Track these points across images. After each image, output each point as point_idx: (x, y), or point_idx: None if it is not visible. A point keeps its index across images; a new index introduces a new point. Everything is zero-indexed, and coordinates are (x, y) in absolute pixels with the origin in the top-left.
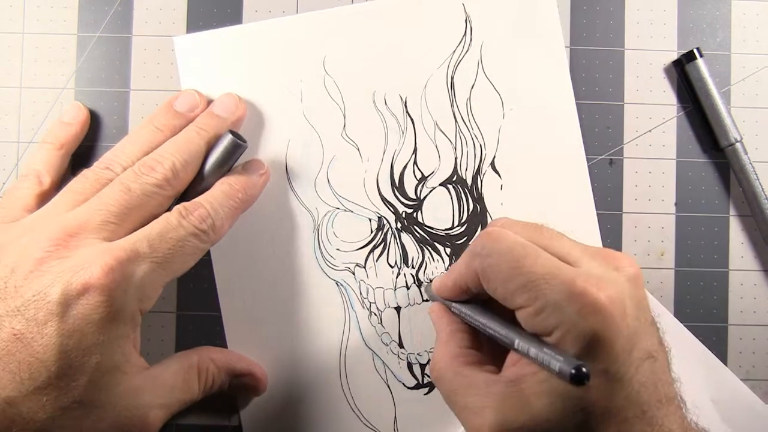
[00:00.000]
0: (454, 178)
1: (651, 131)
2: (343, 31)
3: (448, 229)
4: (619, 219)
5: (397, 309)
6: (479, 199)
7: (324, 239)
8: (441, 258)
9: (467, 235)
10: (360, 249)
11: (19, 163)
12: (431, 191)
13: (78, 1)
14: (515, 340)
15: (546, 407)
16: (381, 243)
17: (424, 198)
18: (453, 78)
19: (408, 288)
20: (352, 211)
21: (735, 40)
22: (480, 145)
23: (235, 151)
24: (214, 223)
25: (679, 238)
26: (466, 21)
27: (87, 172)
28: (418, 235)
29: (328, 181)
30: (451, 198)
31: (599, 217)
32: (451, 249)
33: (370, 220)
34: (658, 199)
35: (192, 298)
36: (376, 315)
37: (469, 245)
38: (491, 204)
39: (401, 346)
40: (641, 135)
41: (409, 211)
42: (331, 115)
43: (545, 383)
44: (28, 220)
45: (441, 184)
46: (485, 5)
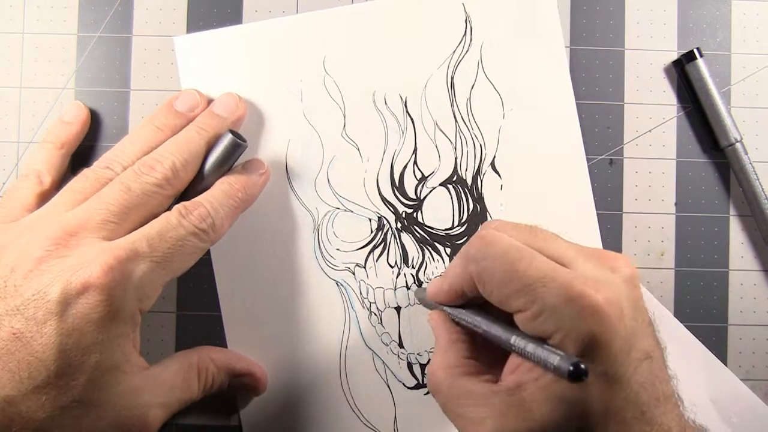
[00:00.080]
0: (454, 178)
1: (651, 131)
2: (343, 31)
3: (448, 229)
4: (619, 219)
5: (397, 309)
6: (479, 199)
7: (324, 239)
8: (441, 258)
9: (467, 235)
10: (360, 249)
11: (19, 163)
12: (431, 191)
13: (78, 1)
14: (512, 337)
15: (547, 414)
16: (381, 243)
17: (424, 198)
18: (453, 78)
19: (408, 288)
20: (352, 211)
21: (735, 40)
22: (480, 145)
23: (235, 151)
24: (214, 222)
25: (679, 238)
26: (466, 21)
27: (87, 172)
28: (418, 235)
29: (328, 181)
30: (451, 198)
31: (599, 217)
32: (451, 249)
33: (370, 220)
34: (658, 199)
35: (192, 298)
36: (376, 315)
37: (462, 249)
38: (491, 204)
39: (401, 346)
40: (641, 135)
41: (409, 211)
42: (331, 115)
43: (546, 390)
44: (28, 220)
45: (441, 184)
46: (485, 5)
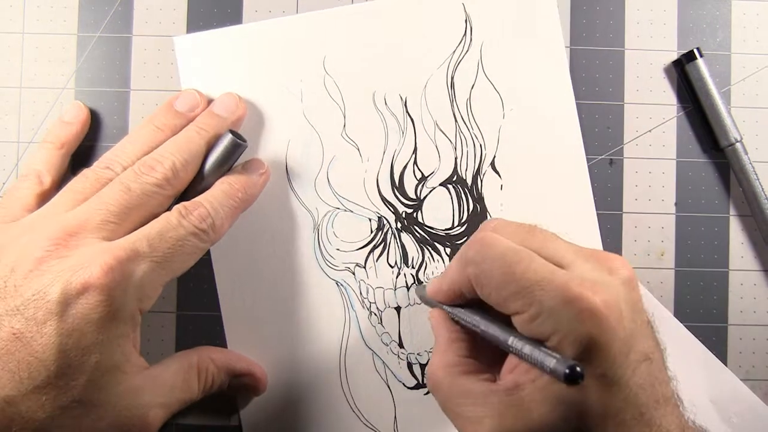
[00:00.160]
0: (454, 178)
1: (651, 131)
2: (343, 31)
3: (448, 229)
4: (619, 219)
5: (397, 309)
6: (479, 199)
7: (324, 239)
8: (441, 258)
9: (467, 235)
10: (360, 249)
11: (19, 163)
12: (431, 191)
13: (78, 1)
14: (509, 338)
15: (545, 414)
16: (381, 243)
17: (424, 198)
18: (453, 78)
19: (408, 288)
20: (352, 211)
21: (735, 40)
22: (480, 145)
23: (235, 151)
24: (214, 222)
25: (679, 238)
26: (466, 21)
27: (87, 172)
28: (418, 235)
29: (328, 181)
30: (451, 198)
31: (599, 217)
32: (451, 249)
33: (370, 220)
34: (658, 199)
35: (192, 298)
36: (376, 315)
37: (460, 250)
38: (491, 204)
39: (401, 346)
40: (641, 135)
41: (409, 211)
42: (331, 115)
43: (544, 390)
44: (28, 220)
45: (441, 184)
46: (485, 5)
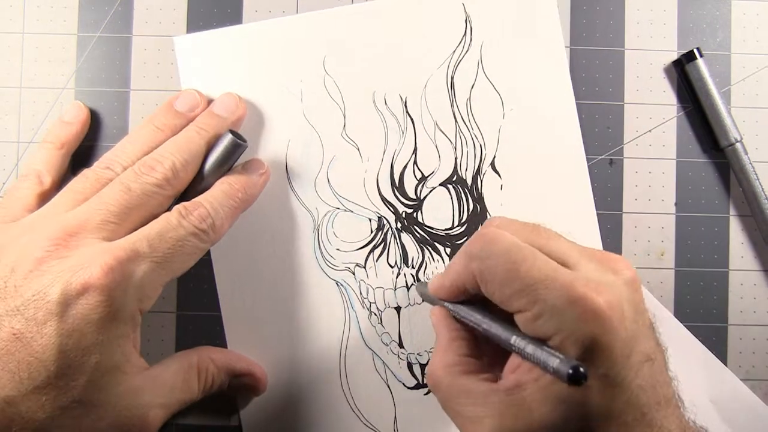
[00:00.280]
0: (454, 178)
1: (651, 131)
2: (343, 31)
3: (448, 229)
4: (619, 219)
5: (397, 309)
6: (479, 199)
7: (324, 239)
8: (441, 258)
9: (467, 235)
10: (360, 249)
11: (19, 163)
12: (431, 191)
13: (78, 1)
14: (512, 337)
15: (547, 414)
16: (381, 243)
17: (424, 198)
18: (453, 78)
19: (408, 288)
20: (352, 211)
21: (735, 40)
22: (480, 145)
23: (235, 151)
24: (214, 222)
25: (679, 238)
26: (466, 21)
27: (87, 172)
28: (418, 235)
29: (328, 181)
30: (451, 198)
31: (599, 217)
32: (451, 249)
33: (370, 220)
34: (658, 199)
35: (192, 298)
36: (376, 315)
37: (464, 245)
38: (491, 204)
39: (401, 346)
40: (641, 135)
41: (409, 211)
42: (331, 115)
43: (546, 390)
44: (28, 220)
45: (441, 184)
46: (485, 5)
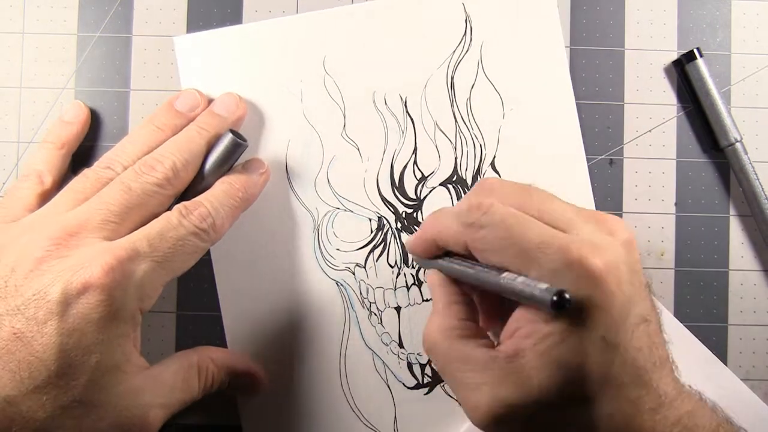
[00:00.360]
0: (454, 178)
1: (651, 131)
2: (343, 31)
3: None
4: None
5: (397, 309)
6: None
7: (324, 239)
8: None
9: None
10: (360, 249)
11: (19, 163)
12: (431, 191)
13: (78, 1)
14: (503, 274)
15: (545, 380)
16: (381, 243)
17: (424, 198)
18: (453, 78)
19: (408, 288)
20: (352, 211)
21: (735, 40)
22: (480, 145)
23: (235, 151)
24: (214, 222)
25: (679, 238)
26: (466, 21)
27: (87, 172)
28: None
29: (328, 181)
30: (451, 198)
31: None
32: None
33: (370, 220)
34: (658, 199)
35: (192, 298)
36: (376, 315)
37: (455, 210)
38: None
39: (401, 346)
40: (641, 135)
41: (409, 211)
42: (331, 115)
43: (544, 356)
44: (28, 220)
45: (441, 184)
46: (485, 5)
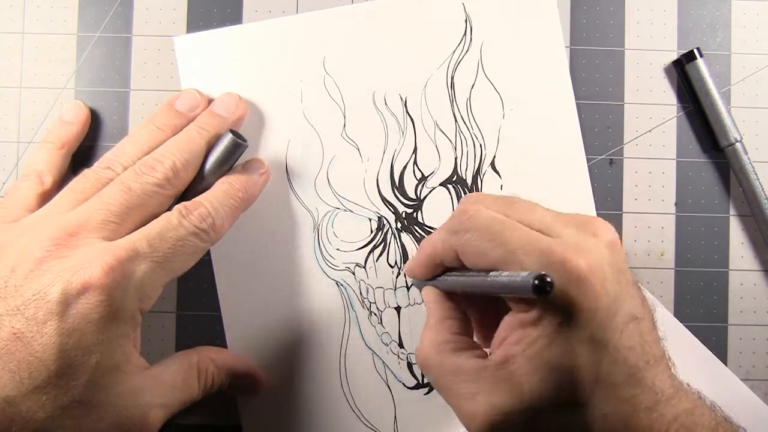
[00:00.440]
0: (454, 178)
1: (651, 131)
2: (343, 31)
3: None
4: (619, 219)
5: (397, 309)
6: None
7: (324, 239)
8: None
9: None
10: (360, 249)
11: (19, 163)
12: (431, 191)
13: (78, 1)
14: (490, 272)
15: (537, 384)
16: (381, 243)
17: (424, 198)
18: (453, 78)
19: (408, 288)
20: (352, 211)
21: (735, 40)
22: (480, 145)
23: (235, 151)
24: (214, 222)
25: (679, 238)
26: (466, 21)
27: (87, 172)
28: (419, 235)
29: (328, 181)
30: (451, 198)
31: (599, 217)
32: None
33: (370, 220)
34: (658, 199)
35: (192, 298)
36: (376, 315)
37: (444, 224)
38: None
39: (401, 346)
40: (641, 135)
41: (409, 211)
42: (331, 115)
43: (534, 360)
44: (28, 220)
45: (441, 184)
46: (485, 5)
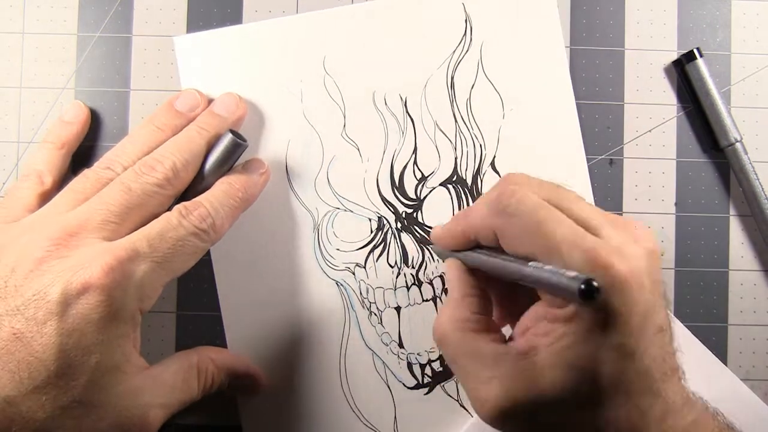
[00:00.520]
0: (454, 178)
1: (651, 131)
2: (343, 31)
3: None
4: None
5: (397, 309)
6: None
7: (324, 239)
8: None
9: None
10: (360, 249)
11: (19, 163)
12: (431, 191)
13: (78, 1)
14: (530, 263)
15: (558, 379)
16: (381, 243)
17: (424, 198)
18: (453, 78)
19: (408, 288)
20: (352, 211)
21: (735, 40)
22: (480, 145)
23: (235, 151)
24: (214, 222)
25: (679, 238)
26: (466, 21)
27: (87, 172)
28: (418, 235)
29: (328, 181)
30: (451, 198)
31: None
32: None
33: (370, 220)
34: (658, 199)
35: (192, 298)
36: (376, 315)
37: (485, 198)
38: None
39: (401, 346)
40: (641, 135)
41: (409, 211)
42: (331, 115)
43: (559, 355)
44: (28, 220)
45: (441, 184)
46: (485, 5)
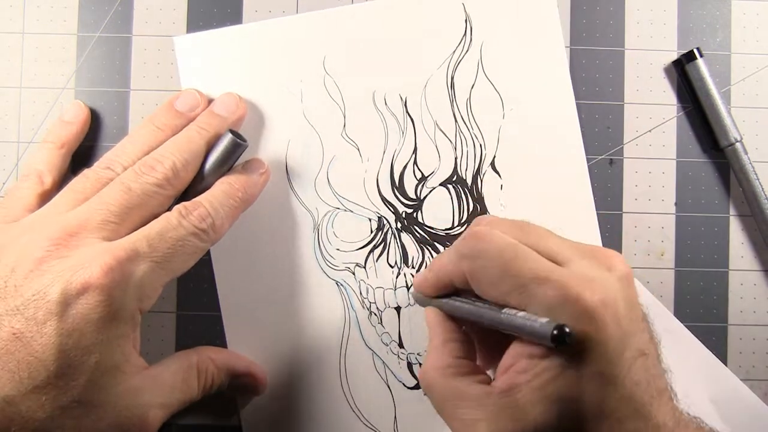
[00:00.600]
0: (454, 178)
1: (651, 131)
2: (343, 31)
3: (448, 229)
4: (619, 219)
5: (397, 309)
6: (479, 199)
7: (324, 239)
8: None
9: None
10: (360, 249)
11: (19, 163)
12: (431, 191)
13: (78, 1)
14: (503, 309)
15: (541, 415)
16: (381, 243)
17: (424, 198)
18: (453, 78)
19: (408, 288)
20: (352, 211)
21: (735, 40)
22: (480, 145)
23: (235, 151)
24: (214, 222)
25: (679, 238)
26: (466, 21)
27: (87, 172)
28: (418, 235)
29: (328, 181)
30: (451, 198)
31: (599, 217)
32: None
33: (370, 220)
34: (658, 199)
35: (192, 298)
36: (376, 315)
37: (455, 244)
38: (491, 204)
39: (401, 346)
40: (641, 135)
41: (409, 211)
42: (331, 115)
43: (540, 391)
44: (28, 220)
45: (441, 184)
46: (485, 5)
